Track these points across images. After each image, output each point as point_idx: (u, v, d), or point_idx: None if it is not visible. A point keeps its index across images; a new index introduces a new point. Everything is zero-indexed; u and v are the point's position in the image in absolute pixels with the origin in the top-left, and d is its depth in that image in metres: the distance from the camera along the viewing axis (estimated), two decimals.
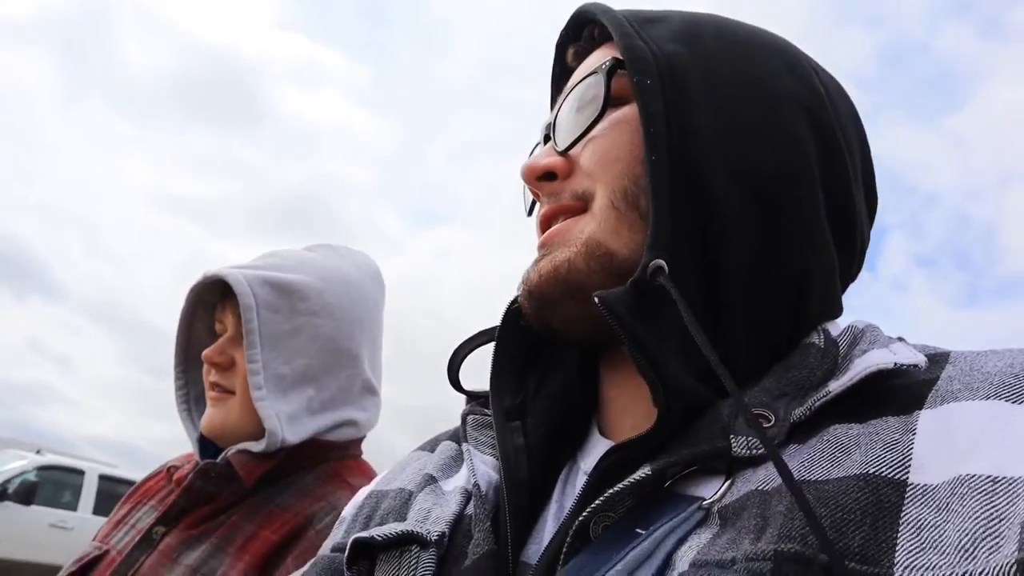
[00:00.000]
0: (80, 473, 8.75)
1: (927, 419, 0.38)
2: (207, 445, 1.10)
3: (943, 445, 0.36)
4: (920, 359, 0.44)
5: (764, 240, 0.47)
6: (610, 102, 0.51)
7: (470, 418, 0.58)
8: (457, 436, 0.61)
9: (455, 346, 0.58)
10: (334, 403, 1.07)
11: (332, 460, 1.06)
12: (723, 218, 0.46)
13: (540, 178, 0.53)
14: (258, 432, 1.02)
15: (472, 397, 0.59)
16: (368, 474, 1.08)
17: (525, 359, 0.56)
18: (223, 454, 1.03)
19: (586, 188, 0.50)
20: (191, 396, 1.17)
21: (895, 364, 0.43)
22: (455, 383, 0.58)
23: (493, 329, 0.56)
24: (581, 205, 0.50)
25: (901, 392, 0.41)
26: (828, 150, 0.50)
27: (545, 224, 0.53)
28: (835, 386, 0.42)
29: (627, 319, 0.43)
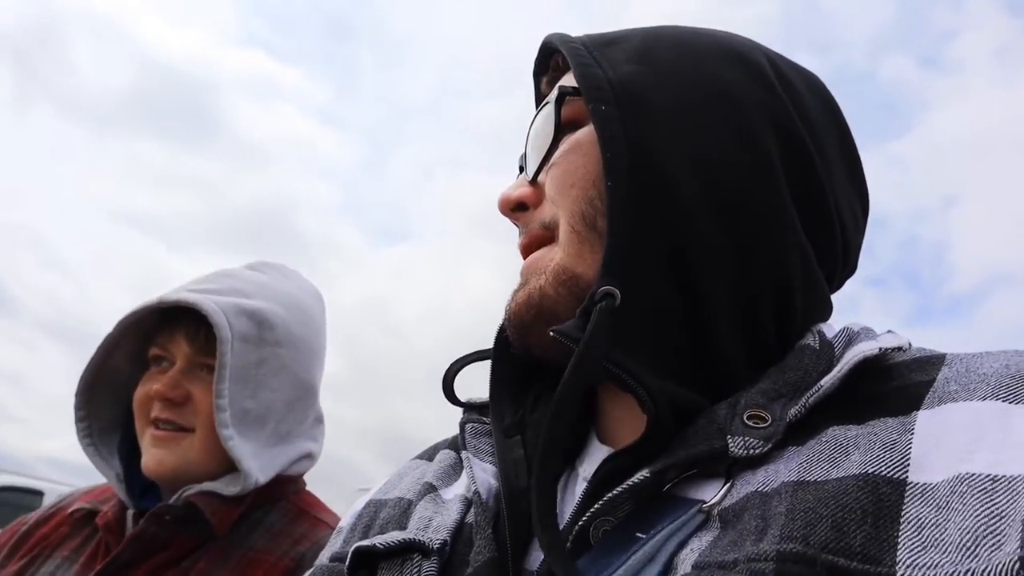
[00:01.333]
0: (39, 494, 7.38)
1: (925, 419, 0.38)
2: (133, 484, 0.98)
3: (942, 445, 0.36)
4: (903, 341, 0.46)
5: (737, 249, 0.48)
6: (563, 129, 0.52)
7: (468, 426, 0.58)
8: (455, 444, 0.61)
9: (449, 363, 0.59)
10: (290, 436, 1.03)
11: (289, 495, 1.02)
12: (691, 234, 0.47)
13: (514, 209, 0.55)
14: (215, 471, 0.95)
15: (468, 408, 0.60)
16: (322, 505, 1.06)
17: (521, 378, 0.57)
18: (178, 495, 0.94)
19: (551, 216, 0.52)
20: (94, 429, 1.02)
21: (880, 349, 0.45)
22: (451, 396, 0.58)
23: (486, 350, 0.58)
24: (549, 235, 0.52)
25: (899, 393, 0.42)
26: (795, 153, 0.50)
27: (524, 254, 0.54)
28: (826, 380, 0.43)
29: (586, 343, 0.44)
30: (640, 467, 0.42)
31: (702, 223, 0.47)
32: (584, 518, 0.42)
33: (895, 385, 0.43)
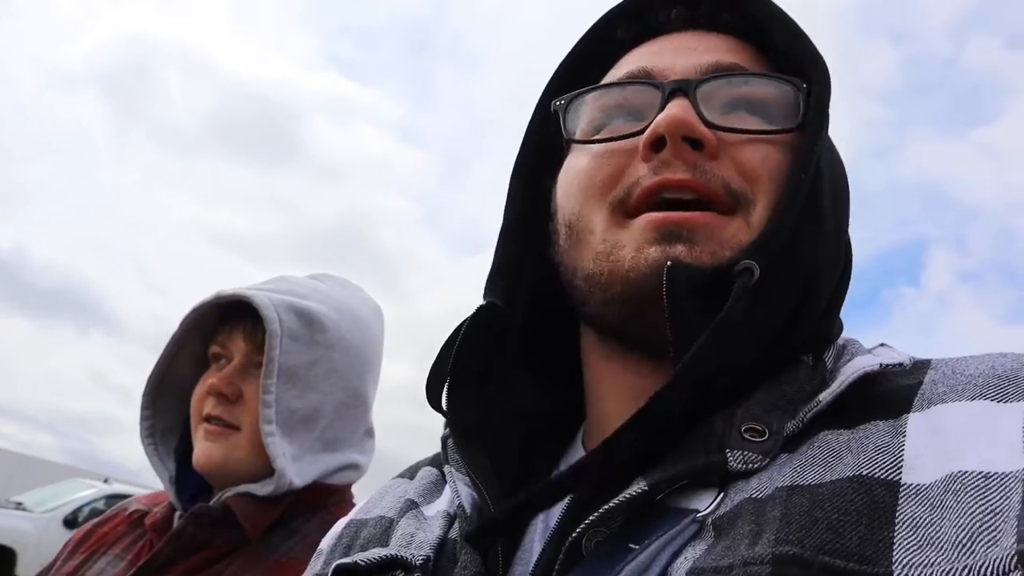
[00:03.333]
0: None
1: (916, 421, 0.39)
2: (183, 487, 1.00)
3: (933, 445, 0.37)
4: (904, 358, 0.46)
5: (818, 275, 0.49)
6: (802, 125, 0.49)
7: (450, 441, 0.55)
8: (438, 461, 0.60)
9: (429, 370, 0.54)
10: (338, 444, 1.01)
11: (331, 506, 0.99)
12: (814, 251, 0.48)
13: (686, 139, 0.47)
14: (259, 473, 0.94)
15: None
16: None
17: (479, 373, 0.53)
18: (217, 497, 0.94)
19: (740, 188, 0.47)
20: (157, 429, 1.05)
21: (880, 365, 0.44)
22: (438, 406, 0.53)
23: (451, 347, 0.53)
24: (731, 203, 0.47)
25: (887, 397, 0.42)
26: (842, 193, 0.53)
27: (679, 187, 0.47)
28: (825, 395, 0.43)
29: (681, 298, 0.43)
30: (629, 477, 0.41)
31: (826, 244, 0.49)
32: (578, 530, 0.41)
33: (883, 390, 0.43)
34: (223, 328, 1.00)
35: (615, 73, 0.55)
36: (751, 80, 0.51)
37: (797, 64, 0.51)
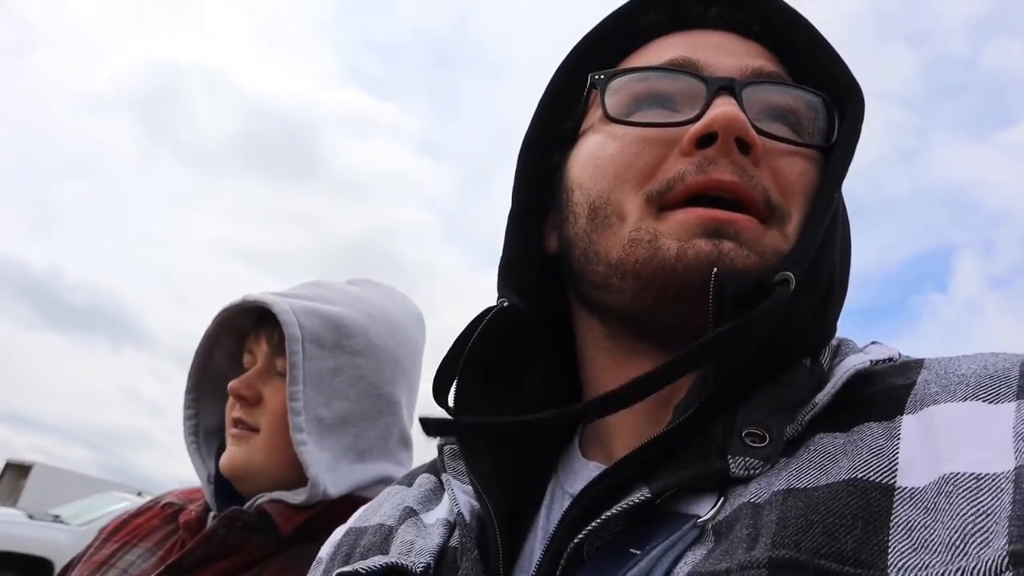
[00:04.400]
0: None
1: (910, 424, 0.39)
2: (221, 487, 0.99)
3: (926, 447, 0.37)
4: (893, 352, 0.46)
5: (840, 277, 0.52)
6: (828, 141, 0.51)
7: (447, 448, 0.56)
8: (435, 468, 0.59)
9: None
10: (371, 454, 0.99)
11: None
12: (832, 264, 0.51)
13: (737, 139, 0.47)
14: (284, 477, 0.94)
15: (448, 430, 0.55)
16: None
17: (486, 377, 0.53)
18: (251, 502, 0.93)
19: (778, 200, 0.48)
20: (200, 428, 1.05)
21: (871, 362, 0.45)
22: (446, 406, 0.52)
23: (460, 351, 0.52)
24: (767, 212, 0.47)
25: (880, 398, 0.42)
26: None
27: (725, 190, 0.47)
28: (820, 396, 0.43)
29: (727, 303, 0.43)
30: (630, 483, 0.42)
31: (837, 256, 0.51)
32: (580, 536, 0.41)
33: (876, 390, 0.43)
34: (253, 333, 1.01)
35: (649, 57, 0.54)
36: (792, 91, 0.51)
37: (829, 85, 0.52)
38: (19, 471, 17.15)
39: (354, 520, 0.60)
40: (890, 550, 0.33)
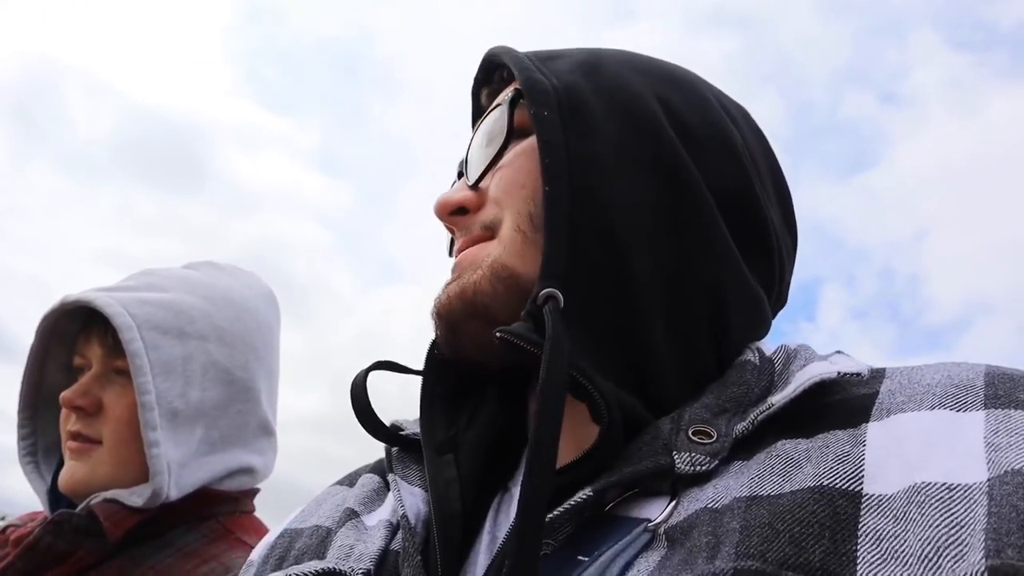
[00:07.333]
0: None
1: (876, 431, 0.38)
2: (59, 502, 0.91)
3: (894, 455, 0.36)
4: (863, 368, 0.45)
5: (672, 261, 0.47)
6: (514, 133, 0.52)
7: (395, 449, 0.54)
8: (380, 468, 0.57)
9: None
10: (226, 444, 0.91)
11: (221, 516, 0.90)
12: (625, 240, 0.47)
13: (452, 213, 0.53)
14: (132, 482, 0.85)
15: (393, 441, 0.55)
16: (262, 532, 0.92)
17: (454, 396, 0.54)
18: (85, 503, 0.84)
19: (494, 217, 0.51)
20: (39, 447, 0.97)
21: (838, 373, 0.43)
22: (371, 424, 0.53)
23: (406, 366, 0.54)
24: (489, 235, 0.51)
25: (843, 406, 0.41)
26: (730, 160, 0.51)
27: (459, 260, 0.52)
28: (778, 399, 0.42)
29: (553, 342, 0.42)
30: (579, 486, 0.41)
31: (638, 233, 0.47)
32: None
33: (838, 399, 0.42)
34: (81, 337, 0.92)
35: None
36: (482, 126, 0.54)
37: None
38: None
39: (289, 521, 0.58)
40: (859, 561, 0.32)
